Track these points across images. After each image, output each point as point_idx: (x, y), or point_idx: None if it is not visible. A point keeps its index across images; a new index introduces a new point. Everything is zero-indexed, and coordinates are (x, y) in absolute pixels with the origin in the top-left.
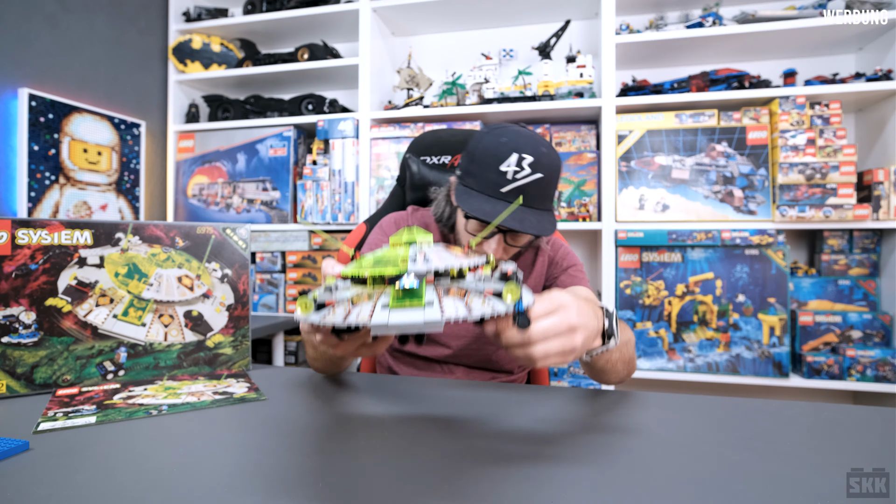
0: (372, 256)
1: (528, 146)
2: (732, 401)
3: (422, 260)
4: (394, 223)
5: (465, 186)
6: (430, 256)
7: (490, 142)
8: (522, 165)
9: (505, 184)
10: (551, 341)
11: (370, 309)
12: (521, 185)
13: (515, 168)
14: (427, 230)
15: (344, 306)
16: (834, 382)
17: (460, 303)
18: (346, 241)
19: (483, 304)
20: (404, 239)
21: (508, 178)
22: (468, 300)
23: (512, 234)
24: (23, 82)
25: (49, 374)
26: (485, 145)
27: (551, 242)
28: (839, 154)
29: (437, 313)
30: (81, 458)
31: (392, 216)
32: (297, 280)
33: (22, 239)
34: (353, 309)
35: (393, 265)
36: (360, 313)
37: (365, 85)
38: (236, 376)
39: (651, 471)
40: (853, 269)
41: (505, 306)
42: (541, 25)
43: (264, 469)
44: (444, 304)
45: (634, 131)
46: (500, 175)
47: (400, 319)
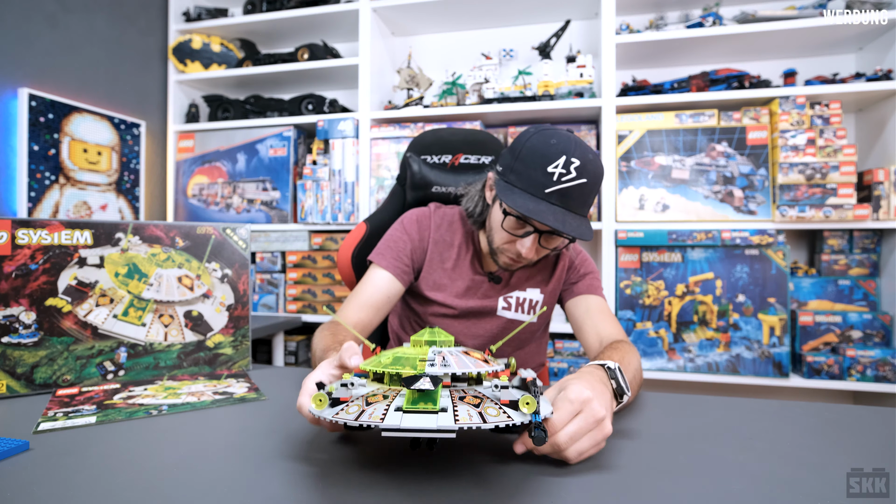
0: (392, 354)
1: (577, 150)
2: (732, 401)
3: (440, 362)
4: (415, 220)
5: (506, 183)
6: (449, 360)
7: (539, 141)
8: (570, 169)
9: (550, 185)
10: (582, 441)
11: (383, 409)
12: (565, 188)
13: (562, 170)
14: (451, 227)
15: (358, 404)
16: (834, 382)
17: (475, 411)
18: (346, 241)
19: (498, 413)
20: (425, 338)
21: (554, 180)
22: (483, 408)
23: (547, 237)
24: (23, 82)
25: (49, 374)
26: (533, 144)
27: (572, 246)
28: (839, 154)
29: (450, 420)
30: (81, 458)
31: (414, 212)
32: (297, 280)
33: (22, 239)
34: (366, 408)
35: (411, 365)
36: (372, 413)
37: (365, 85)
38: (236, 376)
39: (651, 471)
40: (853, 269)
41: (521, 416)
42: (541, 25)
43: (264, 469)
44: (458, 411)
45: (634, 131)
46: (546, 175)
47: (412, 424)
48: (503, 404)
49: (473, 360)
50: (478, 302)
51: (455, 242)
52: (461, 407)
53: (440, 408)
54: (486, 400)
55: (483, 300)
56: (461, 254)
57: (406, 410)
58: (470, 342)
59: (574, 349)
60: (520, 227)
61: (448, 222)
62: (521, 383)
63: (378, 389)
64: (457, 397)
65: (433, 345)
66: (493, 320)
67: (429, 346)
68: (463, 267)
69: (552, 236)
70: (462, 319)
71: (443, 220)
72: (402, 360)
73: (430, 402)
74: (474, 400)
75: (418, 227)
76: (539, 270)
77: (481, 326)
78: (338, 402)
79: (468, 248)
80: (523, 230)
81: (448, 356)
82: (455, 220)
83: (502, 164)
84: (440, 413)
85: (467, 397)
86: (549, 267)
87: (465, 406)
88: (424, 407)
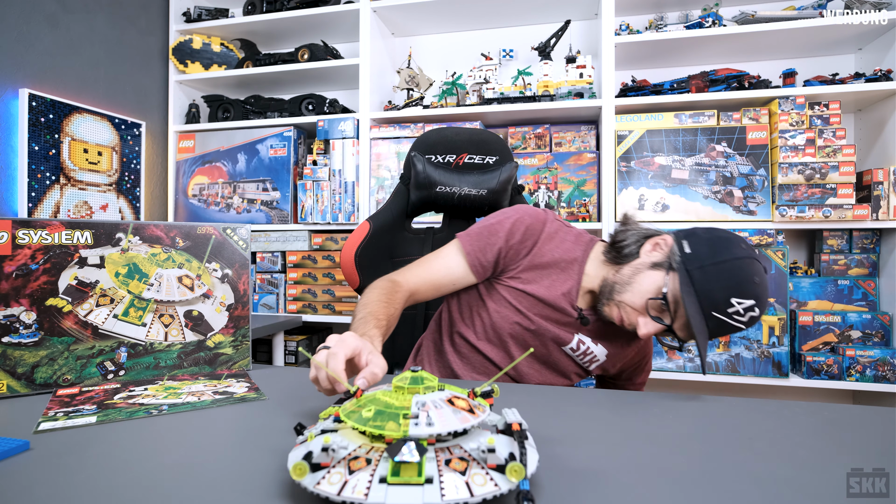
0: (372, 403)
1: (764, 301)
2: (732, 401)
3: (424, 420)
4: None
5: (687, 272)
6: (433, 417)
7: (745, 268)
8: (747, 315)
9: (721, 312)
10: None
11: (367, 482)
12: (730, 324)
13: (741, 311)
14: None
15: (340, 472)
16: (834, 382)
17: (461, 481)
18: (350, 241)
19: (485, 482)
20: (407, 384)
21: (728, 312)
22: (470, 475)
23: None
24: (23, 82)
25: (49, 374)
26: (739, 267)
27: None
28: (839, 154)
29: (436, 496)
30: (81, 458)
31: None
32: (297, 280)
33: (22, 239)
34: (349, 478)
35: (394, 421)
36: (356, 486)
37: (365, 85)
38: (236, 376)
39: (651, 471)
40: (853, 269)
41: (509, 484)
42: (541, 25)
43: (264, 469)
44: (444, 482)
45: (634, 131)
46: (726, 302)
47: (397, 500)
48: (490, 468)
49: (459, 412)
50: (554, 325)
51: (570, 260)
52: (447, 475)
53: (426, 478)
54: (472, 464)
55: (559, 326)
56: (570, 276)
57: (390, 483)
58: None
59: None
60: (660, 312)
61: (573, 238)
62: (505, 427)
63: (360, 450)
64: (443, 461)
65: (417, 392)
66: (555, 350)
67: (412, 394)
68: (563, 286)
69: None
70: (530, 334)
71: (563, 235)
72: (385, 414)
73: (414, 472)
74: (461, 464)
75: (523, 236)
76: (615, 332)
77: (542, 350)
78: (318, 466)
79: (578, 278)
80: (661, 316)
81: (433, 410)
82: (581, 241)
83: (694, 248)
84: (426, 485)
85: (453, 461)
86: (625, 337)
87: (451, 474)
88: (408, 479)
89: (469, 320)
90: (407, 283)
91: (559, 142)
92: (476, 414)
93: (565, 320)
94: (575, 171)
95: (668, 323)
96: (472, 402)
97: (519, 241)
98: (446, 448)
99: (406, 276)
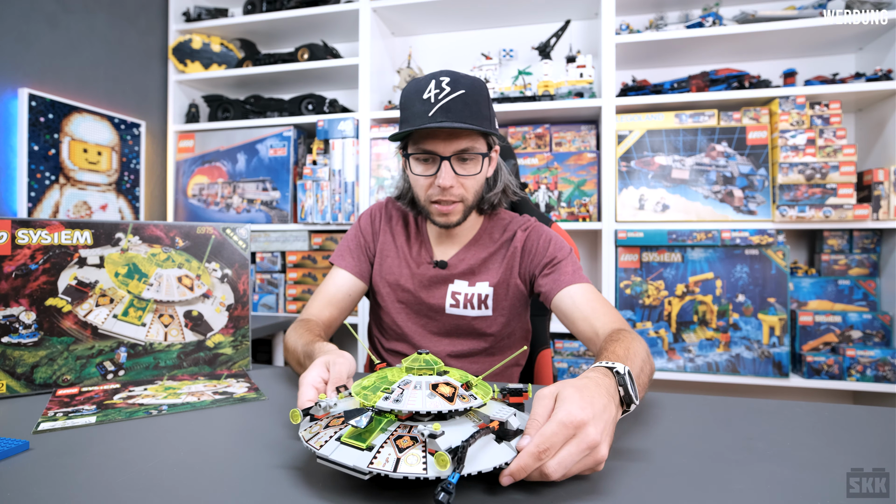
0: (377, 376)
1: (444, 73)
2: (732, 401)
3: (394, 397)
4: (368, 214)
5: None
6: (406, 395)
7: (410, 84)
8: (442, 86)
9: (430, 108)
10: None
11: (329, 436)
12: (445, 104)
13: (436, 91)
14: (403, 217)
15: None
16: (834, 382)
17: (394, 456)
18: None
19: (417, 463)
20: (406, 364)
21: (432, 102)
22: (406, 454)
23: (459, 161)
24: (23, 82)
25: (49, 374)
26: (406, 89)
27: (528, 233)
28: (839, 154)
29: (364, 462)
30: (81, 458)
31: (369, 208)
32: (297, 280)
33: (22, 239)
34: (323, 431)
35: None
36: (319, 437)
37: (365, 85)
38: (236, 376)
39: (651, 471)
40: (853, 269)
41: (436, 472)
42: (541, 25)
43: (264, 469)
44: (380, 453)
45: (634, 131)
46: (424, 104)
47: (338, 457)
48: (430, 452)
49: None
50: (426, 293)
51: (405, 231)
52: (386, 448)
53: (368, 445)
54: (415, 445)
55: (431, 288)
56: (410, 241)
57: (343, 442)
58: (427, 343)
59: (574, 349)
60: (429, 166)
61: (402, 214)
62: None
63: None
64: (395, 436)
65: (411, 371)
66: (444, 318)
67: (409, 373)
68: (412, 254)
69: (465, 162)
70: (420, 317)
71: (399, 212)
72: (376, 387)
73: (361, 439)
74: (407, 443)
75: (370, 221)
76: (484, 261)
77: (436, 325)
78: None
79: (417, 237)
80: (434, 167)
81: (409, 390)
82: (408, 211)
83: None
84: (365, 452)
85: (404, 437)
86: (498, 257)
87: (390, 448)
88: (356, 442)
89: (379, 328)
90: (314, 315)
91: (559, 142)
92: (454, 402)
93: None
94: (575, 171)
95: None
96: (460, 391)
97: (371, 229)
98: (409, 426)
99: (310, 310)
